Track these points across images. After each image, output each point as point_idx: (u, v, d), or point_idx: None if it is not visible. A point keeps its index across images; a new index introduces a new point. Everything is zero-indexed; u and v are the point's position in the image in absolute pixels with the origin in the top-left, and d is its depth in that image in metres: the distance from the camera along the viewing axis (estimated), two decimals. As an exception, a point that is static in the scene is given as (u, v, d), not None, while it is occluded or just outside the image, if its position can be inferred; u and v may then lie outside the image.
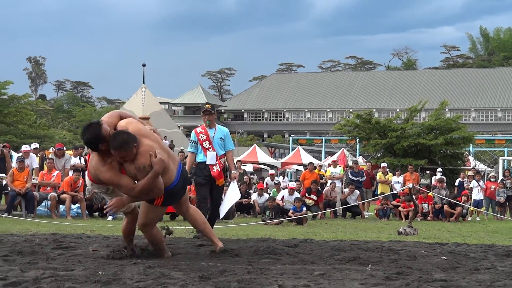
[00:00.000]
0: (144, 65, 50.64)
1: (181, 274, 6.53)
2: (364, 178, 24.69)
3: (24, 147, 20.13)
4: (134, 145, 7.25)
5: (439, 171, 28.88)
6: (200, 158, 11.89)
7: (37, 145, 21.98)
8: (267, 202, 19.54)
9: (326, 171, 27.77)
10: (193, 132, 12.25)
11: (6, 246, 8.61)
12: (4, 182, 18.05)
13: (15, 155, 21.13)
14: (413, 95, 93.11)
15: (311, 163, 26.70)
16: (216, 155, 11.78)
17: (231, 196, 12.11)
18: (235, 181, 12.36)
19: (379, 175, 25.60)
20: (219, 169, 11.74)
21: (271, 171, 28.56)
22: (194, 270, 6.82)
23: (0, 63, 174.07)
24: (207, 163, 11.74)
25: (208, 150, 11.80)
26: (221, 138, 11.98)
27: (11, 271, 6.45)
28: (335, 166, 25.40)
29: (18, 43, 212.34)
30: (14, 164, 18.80)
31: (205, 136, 11.89)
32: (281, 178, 29.02)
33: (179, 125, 51.59)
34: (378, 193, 24.69)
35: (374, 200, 23.78)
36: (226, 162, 12.27)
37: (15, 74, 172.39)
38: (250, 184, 24.32)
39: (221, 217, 12.76)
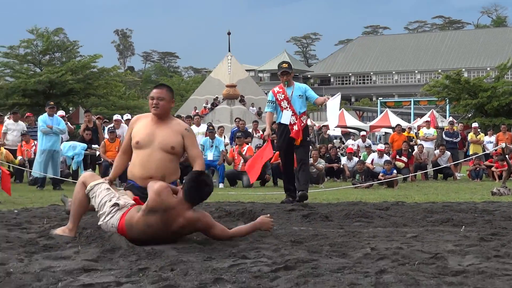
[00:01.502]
0: (229, 33, 50.84)
1: (273, 239, 6.58)
2: (459, 138, 24.30)
3: (115, 116, 20.49)
4: None
5: (533, 130, 28.19)
6: (279, 119, 11.62)
7: (129, 116, 22.37)
8: (357, 165, 19.46)
9: (418, 132, 27.40)
10: (270, 92, 11.96)
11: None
12: (98, 153, 18.44)
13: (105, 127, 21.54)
14: (504, 53, 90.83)
15: (398, 125, 26.39)
16: (296, 113, 11.44)
17: (333, 108, 11.84)
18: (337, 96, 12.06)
19: (470, 136, 25.15)
20: (297, 129, 11.38)
21: (362, 133, 28.33)
22: (286, 235, 6.86)
23: (89, 36, 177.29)
24: (282, 122, 11.49)
25: (286, 109, 11.48)
26: (299, 95, 11.57)
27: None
28: (428, 127, 24.97)
29: (105, 17, 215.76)
30: (106, 135, 19.16)
31: (283, 96, 11.56)
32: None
33: (265, 91, 51.57)
34: (470, 153, 24.29)
35: (466, 161, 23.40)
36: (307, 121, 11.97)
37: (103, 47, 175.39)
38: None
39: (334, 126, 12.17)
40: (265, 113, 12.84)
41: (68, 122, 20.64)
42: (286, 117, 11.44)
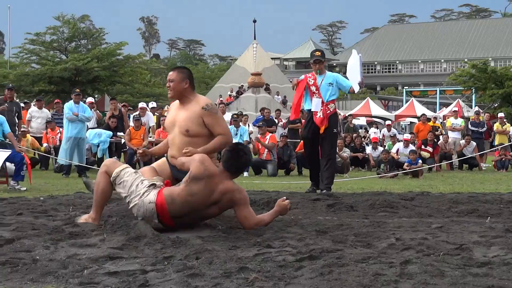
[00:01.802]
0: (255, 21, 50.77)
1: (298, 228, 6.59)
2: (485, 128, 24.14)
3: (141, 104, 20.56)
4: None
5: (560, 120, 27.96)
6: (307, 106, 11.50)
7: (154, 104, 22.45)
8: (382, 155, 19.39)
9: (446, 122, 27.24)
10: (302, 75, 11.86)
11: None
12: (123, 140, 18.52)
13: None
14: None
15: (424, 114, 26.22)
16: (323, 101, 11.26)
17: (353, 66, 11.85)
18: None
19: (496, 126, 24.96)
20: (322, 116, 11.18)
21: (388, 122, 28.25)
22: (311, 224, 6.87)
23: (115, 24, 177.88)
24: (311, 109, 11.31)
25: (314, 95, 11.31)
26: (329, 83, 11.36)
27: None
28: (456, 117, 24.82)
29: (131, 4, 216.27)
30: (131, 123, 19.23)
31: (313, 81, 11.42)
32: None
33: (290, 80, 51.55)
34: (496, 144, 24.13)
35: (491, 152, 23.26)
36: (335, 109, 11.72)
37: (129, 34, 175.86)
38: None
39: (358, 86, 11.91)
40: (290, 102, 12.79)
41: (97, 110, 20.74)
42: (316, 104, 11.26)
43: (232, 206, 6.48)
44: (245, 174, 17.80)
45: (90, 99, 20.82)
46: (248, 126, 21.37)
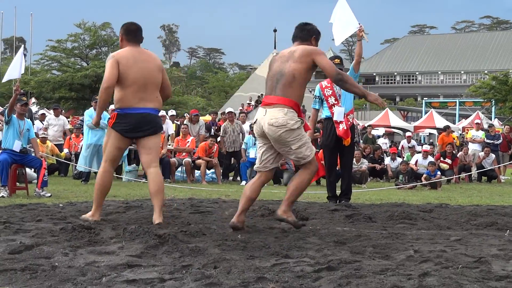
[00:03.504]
0: (275, 31, 50.76)
1: (317, 239, 6.59)
2: (500, 141, 24.01)
3: (160, 112, 20.61)
4: None
5: None
6: (324, 114, 11.11)
7: (173, 112, 22.49)
8: (400, 166, 19.35)
9: (464, 134, 27.13)
10: (318, 86, 11.28)
11: (146, 210, 8.86)
12: (142, 148, 18.53)
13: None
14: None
15: (447, 126, 26.11)
16: (344, 111, 10.94)
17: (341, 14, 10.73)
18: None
19: (515, 138, 24.86)
20: (345, 127, 10.86)
21: (408, 133, 28.17)
22: (329, 235, 6.86)
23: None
24: (333, 119, 10.91)
25: (334, 105, 10.93)
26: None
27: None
28: (477, 129, 24.72)
29: (152, 12, 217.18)
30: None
31: (330, 91, 10.97)
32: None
33: (309, 89, 51.54)
34: (515, 156, 24.01)
35: (511, 164, 23.13)
36: (354, 120, 11.44)
37: (150, 42, 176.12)
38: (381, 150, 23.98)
39: (336, 44, 11.41)
40: (308, 112, 12.40)
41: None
42: (338, 114, 10.89)
43: None
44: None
45: (111, 107, 20.87)
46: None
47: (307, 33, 7.65)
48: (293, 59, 7.19)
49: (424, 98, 64.67)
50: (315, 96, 11.36)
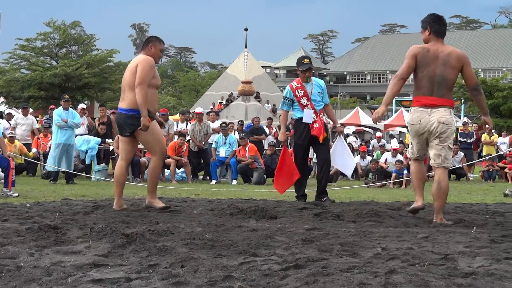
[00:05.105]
0: (246, 30, 50.75)
1: (284, 237, 6.58)
2: (474, 139, 24.19)
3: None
4: None
5: (547, 132, 28.04)
6: (298, 115, 11.17)
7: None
8: (370, 164, 19.43)
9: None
10: (288, 88, 11.40)
11: (116, 210, 8.84)
12: (111, 147, 18.47)
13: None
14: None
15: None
16: (316, 111, 11.05)
17: (344, 152, 11.81)
18: (341, 136, 12.03)
19: (484, 136, 25.05)
20: (318, 126, 11.00)
21: (378, 134, 28.32)
22: (297, 233, 6.87)
23: (106, 30, 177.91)
24: (304, 121, 11.02)
25: (306, 107, 11.06)
26: (319, 92, 11.19)
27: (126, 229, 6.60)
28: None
29: (122, 11, 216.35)
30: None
31: (302, 92, 11.11)
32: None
33: (281, 88, 51.58)
34: (483, 154, 24.19)
35: (479, 162, 23.33)
36: (325, 118, 11.60)
37: (120, 41, 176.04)
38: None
39: (349, 176, 12.43)
40: (279, 110, 12.43)
41: (88, 116, 20.67)
42: (308, 116, 11.02)
43: None
44: (234, 182, 17.82)
45: (82, 106, 20.78)
46: (235, 132, 21.32)
47: (445, 29, 8.84)
48: (451, 66, 8.28)
49: (395, 97, 64.98)
50: (284, 97, 11.37)
